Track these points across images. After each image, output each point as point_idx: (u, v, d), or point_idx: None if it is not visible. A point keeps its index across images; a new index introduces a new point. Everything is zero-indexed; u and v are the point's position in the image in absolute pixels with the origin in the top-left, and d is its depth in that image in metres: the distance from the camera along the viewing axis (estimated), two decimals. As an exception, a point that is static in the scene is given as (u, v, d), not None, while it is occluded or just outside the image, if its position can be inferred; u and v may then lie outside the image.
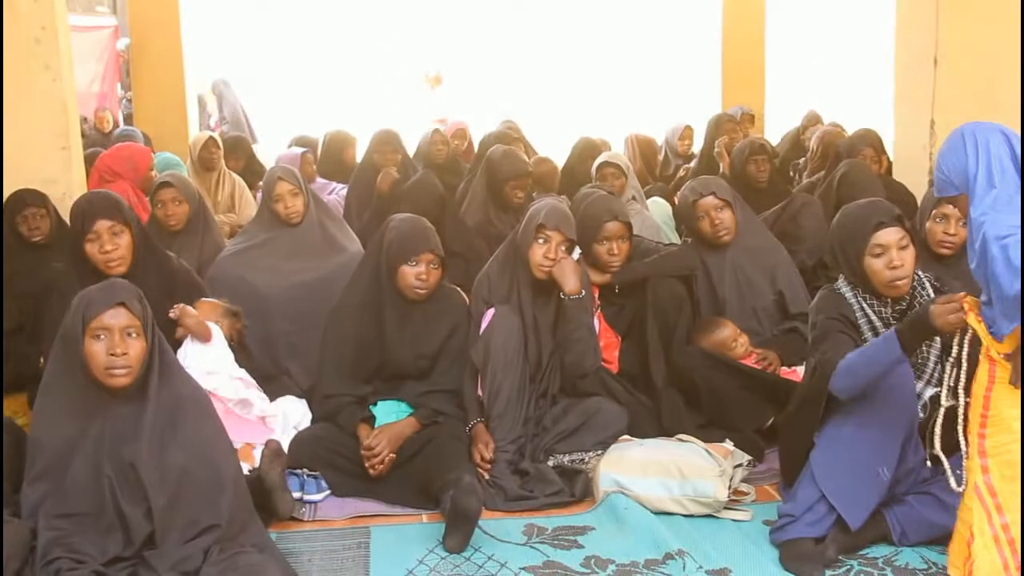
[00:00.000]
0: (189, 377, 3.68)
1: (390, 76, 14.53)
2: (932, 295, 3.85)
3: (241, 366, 4.55)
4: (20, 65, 5.81)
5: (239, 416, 4.34)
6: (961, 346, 3.40)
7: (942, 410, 3.56)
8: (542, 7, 15.08)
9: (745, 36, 10.79)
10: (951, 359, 3.45)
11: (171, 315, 4.39)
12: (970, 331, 3.32)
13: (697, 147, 8.90)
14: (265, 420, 4.37)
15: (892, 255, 3.77)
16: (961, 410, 3.40)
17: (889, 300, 3.86)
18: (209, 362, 4.40)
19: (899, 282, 3.79)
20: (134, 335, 3.38)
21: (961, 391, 3.41)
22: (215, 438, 3.55)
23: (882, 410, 3.70)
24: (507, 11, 14.90)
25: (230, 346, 4.55)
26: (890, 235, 3.78)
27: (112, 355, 3.34)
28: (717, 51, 11.01)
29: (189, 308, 4.46)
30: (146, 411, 3.40)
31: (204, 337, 4.44)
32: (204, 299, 4.67)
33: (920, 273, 3.92)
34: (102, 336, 3.36)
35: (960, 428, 3.39)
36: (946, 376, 3.53)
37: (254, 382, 4.51)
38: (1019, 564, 3.22)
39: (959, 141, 3.39)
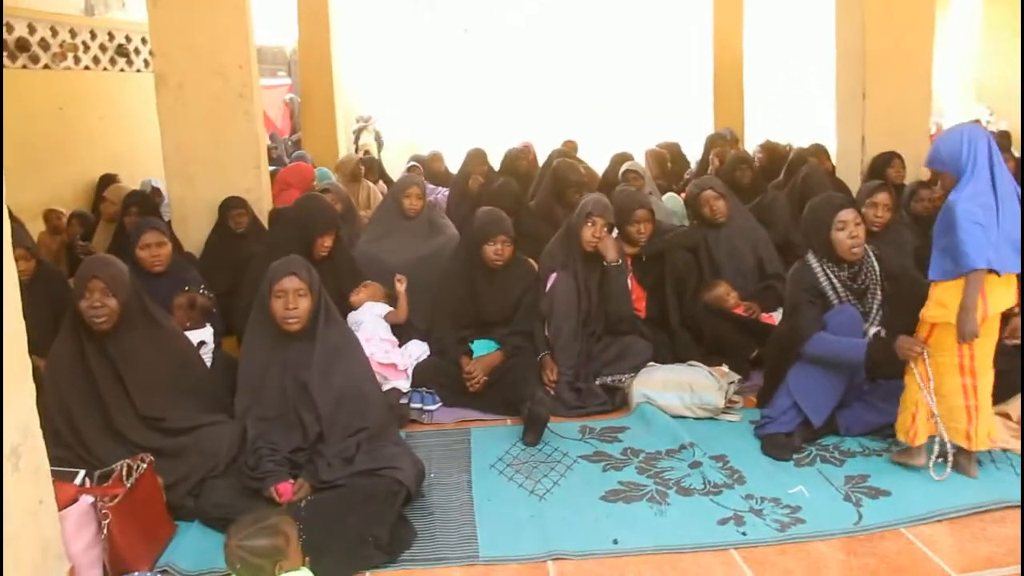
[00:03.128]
0: (346, 326, 3.66)
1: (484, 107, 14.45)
2: (875, 263, 3.81)
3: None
4: (228, 112, 5.80)
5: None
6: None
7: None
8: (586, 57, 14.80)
9: (729, 75, 10.58)
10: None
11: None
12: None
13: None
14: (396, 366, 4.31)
15: (851, 229, 3.72)
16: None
17: (846, 266, 3.75)
18: (370, 328, 4.44)
19: (856, 249, 3.72)
20: (303, 295, 3.34)
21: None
22: (363, 368, 3.53)
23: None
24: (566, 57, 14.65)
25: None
26: (848, 215, 3.72)
27: (287, 309, 3.32)
28: (709, 90, 10.77)
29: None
30: (315, 348, 3.38)
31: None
32: (368, 282, 4.69)
33: (867, 246, 3.80)
34: (280, 296, 3.34)
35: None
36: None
37: (395, 339, 4.49)
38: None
39: (958, 136, 3.32)
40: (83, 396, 3.37)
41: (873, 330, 3.75)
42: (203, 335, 4.26)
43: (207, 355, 4.11)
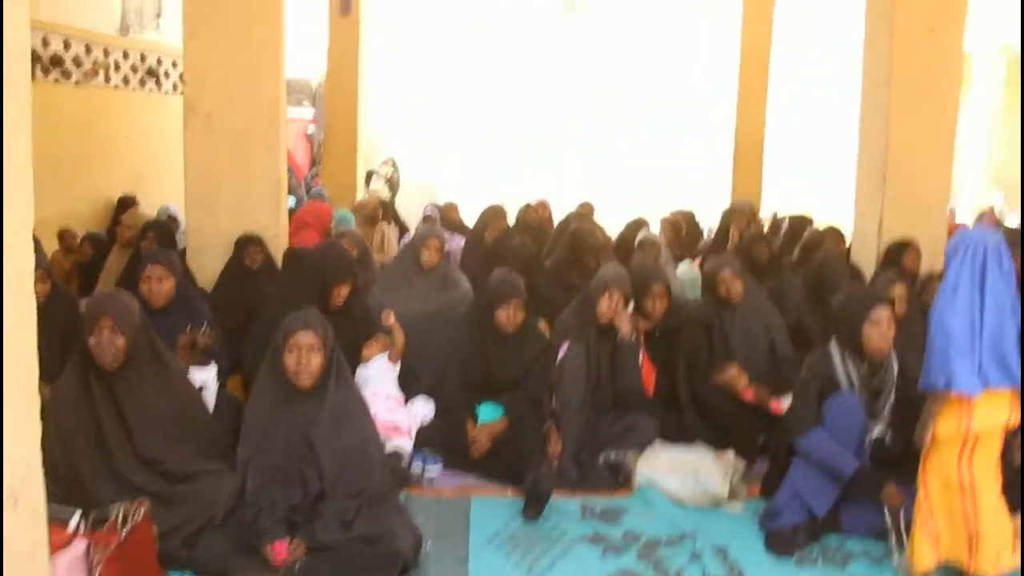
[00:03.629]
0: (355, 385, 3.63)
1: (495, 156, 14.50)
2: (895, 364, 3.80)
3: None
4: (254, 146, 5.82)
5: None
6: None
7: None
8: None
9: (750, 146, 10.59)
10: None
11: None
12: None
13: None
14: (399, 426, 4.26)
15: (884, 327, 3.68)
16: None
17: (866, 362, 3.73)
18: (376, 386, 4.40)
19: (885, 347, 3.72)
20: (317, 351, 3.31)
21: None
22: (370, 431, 3.50)
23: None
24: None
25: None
26: (884, 313, 3.72)
27: (299, 364, 3.29)
28: (728, 156, 10.77)
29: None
30: (323, 406, 3.34)
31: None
32: (380, 335, 4.65)
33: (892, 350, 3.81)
34: (293, 350, 3.31)
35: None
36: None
37: (401, 396, 4.43)
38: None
39: (956, 241, 3.29)
40: (85, 434, 3.34)
41: (878, 429, 3.74)
42: (205, 376, 4.21)
43: (209, 397, 4.08)
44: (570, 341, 4.35)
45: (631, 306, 4.54)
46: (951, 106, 6.71)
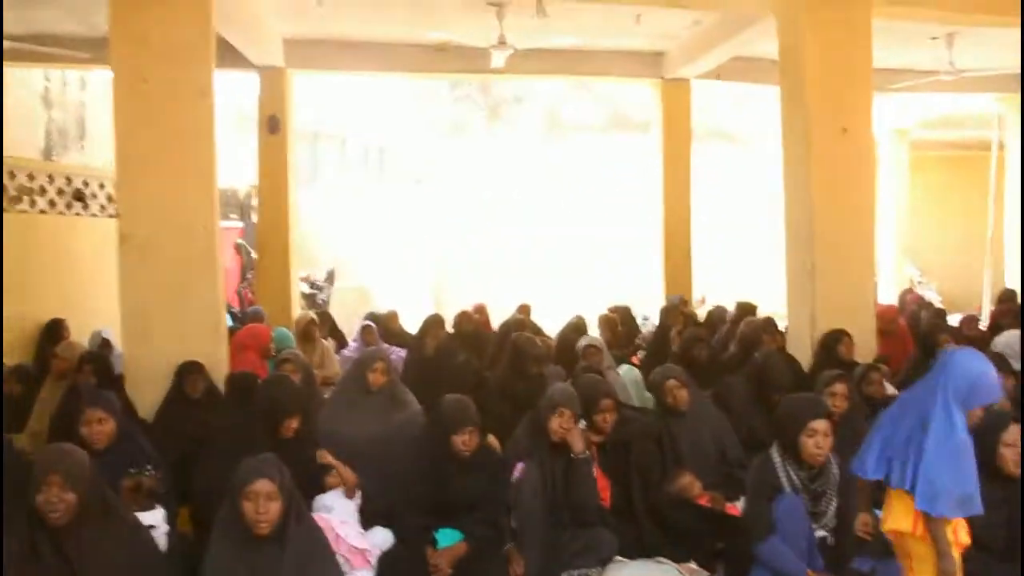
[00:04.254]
0: (316, 525, 3.57)
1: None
2: (835, 469, 3.92)
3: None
4: (191, 274, 5.85)
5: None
6: None
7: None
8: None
9: (677, 238, 10.87)
10: None
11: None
12: None
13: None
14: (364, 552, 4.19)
15: (819, 438, 3.81)
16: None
17: (805, 467, 3.83)
18: (343, 513, 4.35)
19: (820, 457, 3.83)
20: (274, 498, 3.28)
21: None
22: (334, 573, 3.41)
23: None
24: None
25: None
26: (821, 425, 3.83)
27: (258, 513, 3.25)
28: (660, 254, 11.03)
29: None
30: (286, 551, 3.29)
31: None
32: (336, 468, 4.59)
33: (830, 454, 3.92)
34: (251, 499, 3.26)
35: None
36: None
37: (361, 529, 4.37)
38: None
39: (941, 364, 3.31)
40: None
41: (821, 533, 3.84)
42: (153, 518, 4.11)
43: (160, 538, 3.98)
44: (524, 461, 4.36)
45: (581, 422, 4.58)
46: (868, 197, 7.09)
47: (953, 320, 8.59)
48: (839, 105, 6.74)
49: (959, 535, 3.28)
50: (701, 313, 9.94)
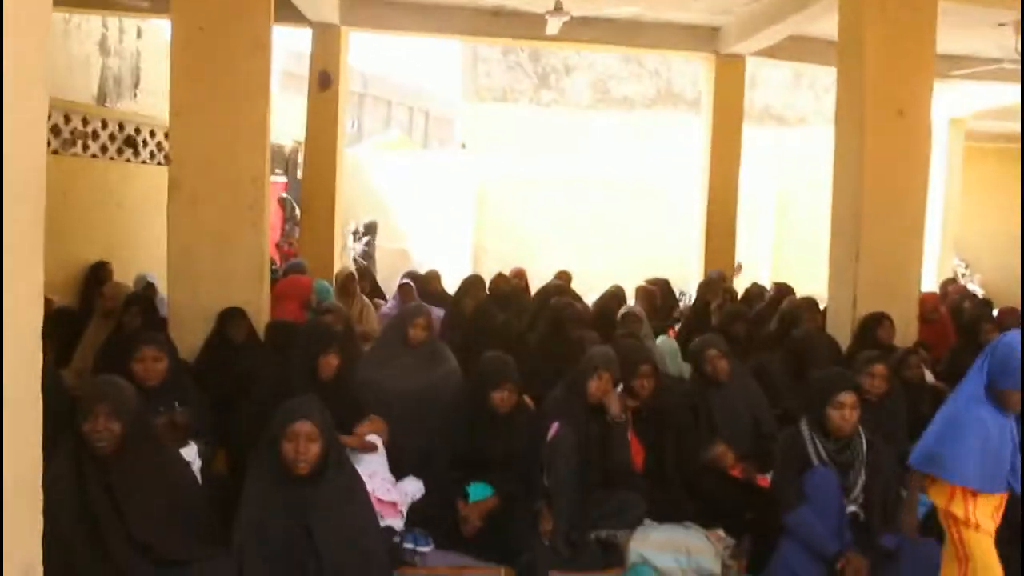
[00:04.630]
0: (354, 469, 3.64)
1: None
2: (864, 443, 3.90)
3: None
4: (237, 223, 5.90)
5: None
6: None
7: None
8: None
9: (722, 212, 10.80)
10: None
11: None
12: None
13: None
14: (395, 504, 4.26)
15: (846, 411, 3.80)
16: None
17: (832, 439, 3.85)
18: (372, 466, 4.40)
19: (847, 428, 3.82)
20: (314, 439, 3.33)
21: None
22: (368, 517, 3.51)
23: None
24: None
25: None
26: (848, 398, 3.81)
27: (298, 454, 3.31)
28: (701, 232, 10.98)
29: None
30: (322, 491, 3.35)
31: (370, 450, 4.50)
32: (373, 417, 4.66)
33: (860, 427, 3.90)
34: (292, 439, 3.33)
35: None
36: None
37: (393, 479, 4.43)
38: None
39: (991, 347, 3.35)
40: (78, 521, 3.30)
41: (851, 508, 3.83)
42: (187, 454, 4.21)
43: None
44: (560, 421, 4.40)
45: (620, 386, 4.60)
46: (921, 183, 6.95)
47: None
48: (898, 88, 6.61)
49: (979, 517, 3.28)
50: (738, 282, 9.90)
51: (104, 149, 9.36)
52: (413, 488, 4.44)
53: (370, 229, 13.11)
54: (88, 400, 3.36)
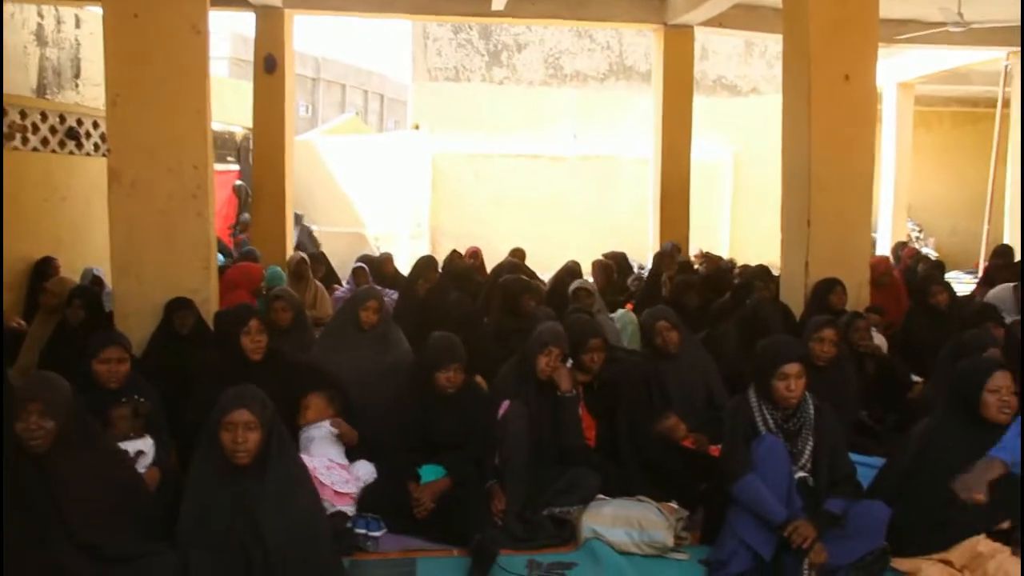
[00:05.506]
0: (297, 456, 3.59)
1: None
2: (812, 409, 3.90)
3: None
4: (181, 211, 5.78)
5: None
6: None
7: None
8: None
9: (675, 185, 10.82)
10: None
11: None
12: None
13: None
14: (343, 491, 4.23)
15: (791, 381, 3.80)
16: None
17: (780, 407, 3.85)
18: (329, 454, 4.38)
19: (792, 399, 3.82)
20: (253, 428, 3.28)
21: None
22: (313, 503, 3.47)
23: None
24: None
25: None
26: (792, 368, 3.81)
27: (236, 443, 3.26)
28: (655, 205, 11.00)
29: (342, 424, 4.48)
30: (267, 481, 3.30)
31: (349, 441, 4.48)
32: (317, 394, 4.58)
33: (808, 393, 3.91)
34: (229, 429, 3.28)
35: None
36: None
37: (347, 464, 4.39)
38: None
39: None
40: (16, 523, 3.22)
41: (800, 474, 3.84)
42: (144, 445, 4.15)
43: (142, 467, 4.01)
44: (510, 399, 4.37)
45: (569, 361, 4.58)
46: (867, 148, 6.99)
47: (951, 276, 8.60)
48: (842, 53, 6.62)
49: None
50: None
51: (45, 142, 9.16)
52: (365, 471, 4.39)
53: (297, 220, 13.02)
54: (21, 398, 3.28)
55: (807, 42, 6.65)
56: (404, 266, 8.82)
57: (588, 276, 8.16)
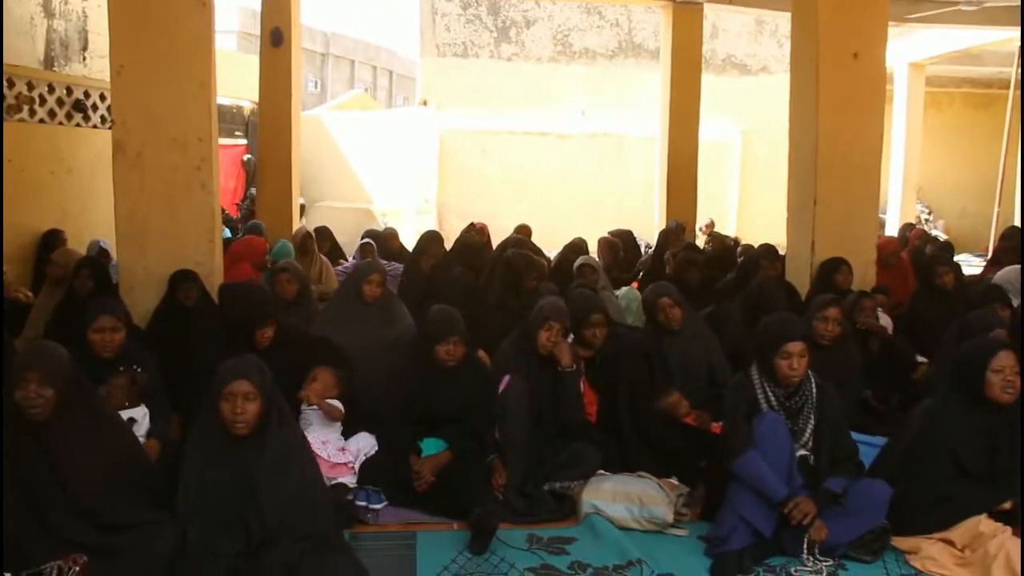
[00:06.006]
0: (297, 427, 3.59)
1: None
2: (814, 388, 3.89)
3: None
4: (185, 183, 5.74)
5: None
6: None
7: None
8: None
9: (683, 165, 10.76)
10: None
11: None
12: None
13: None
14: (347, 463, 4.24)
15: (793, 361, 3.78)
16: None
17: (782, 385, 3.84)
18: (324, 433, 4.39)
19: (794, 378, 3.82)
20: (252, 399, 3.28)
21: None
22: (312, 473, 3.46)
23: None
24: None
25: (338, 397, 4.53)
26: (795, 347, 3.79)
27: (235, 413, 3.26)
28: (662, 184, 10.94)
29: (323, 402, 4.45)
30: (265, 451, 3.30)
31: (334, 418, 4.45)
32: (318, 372, 4.55)
33: (810, 372, 3.90)
34: (229, 399, 3.28)
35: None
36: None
37: (344, 446, 4.40)
38: None
39: None
40: (15, 490, 3.23)
41: (801, 452, 3.83)
42: (134, 413, 4.17)
43: (140, 435, 4.02)
44: (511, 374, 4.36)
45: (571, 337, 4.56)
46: (876, 128, 6.91)
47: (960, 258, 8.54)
48: (851, 30, 6.54)
49: None
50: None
51: (52, 114, 9.14)
52: (366, 444, 4.39)
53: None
54: (19, 367, 3.28)
55: (815, 19, 6.57)
56: (411, 242, 8.78)
57: (594, 253, 8.13)
